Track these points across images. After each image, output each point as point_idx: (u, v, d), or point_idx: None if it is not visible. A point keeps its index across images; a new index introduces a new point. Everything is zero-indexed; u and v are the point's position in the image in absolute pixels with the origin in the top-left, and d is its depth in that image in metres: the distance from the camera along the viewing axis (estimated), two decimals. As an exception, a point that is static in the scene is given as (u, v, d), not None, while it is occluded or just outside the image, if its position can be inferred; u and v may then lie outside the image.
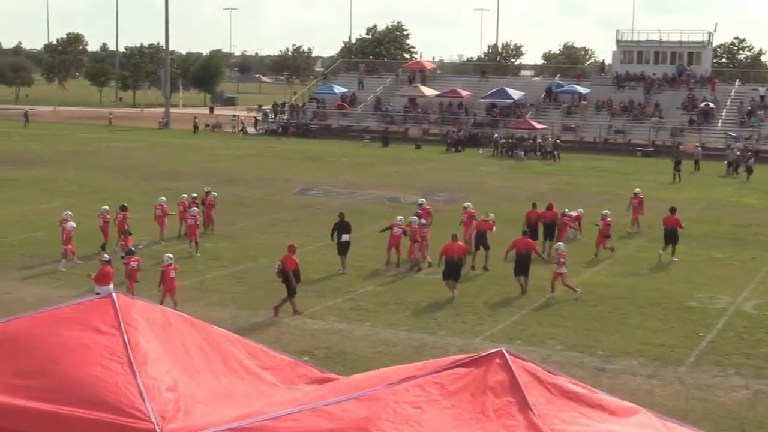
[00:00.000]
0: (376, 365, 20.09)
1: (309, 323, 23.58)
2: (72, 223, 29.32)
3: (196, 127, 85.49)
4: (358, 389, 8.49)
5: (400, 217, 31.06)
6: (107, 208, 32.61)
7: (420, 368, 8.68)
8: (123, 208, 32.30)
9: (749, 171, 57.63)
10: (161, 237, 33.06)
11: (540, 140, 69.53)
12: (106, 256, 24.23)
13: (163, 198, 34.55)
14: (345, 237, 29.51)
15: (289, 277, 24.25)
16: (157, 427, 7.93)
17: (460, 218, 33.13)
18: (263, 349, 10.20)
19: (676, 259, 31.96)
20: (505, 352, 8.69)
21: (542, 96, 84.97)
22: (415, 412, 7.98)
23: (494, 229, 31.05)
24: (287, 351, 11.97)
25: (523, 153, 67.41)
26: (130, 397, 8.25)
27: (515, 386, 8.29)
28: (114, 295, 9.35)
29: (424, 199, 31.97)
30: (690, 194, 48.95)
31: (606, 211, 33.82)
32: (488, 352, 8.81)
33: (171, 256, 24.78)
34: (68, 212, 30.36)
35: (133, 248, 27.03)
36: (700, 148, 61.65)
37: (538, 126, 75.33)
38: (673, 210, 33.08)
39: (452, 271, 26.57)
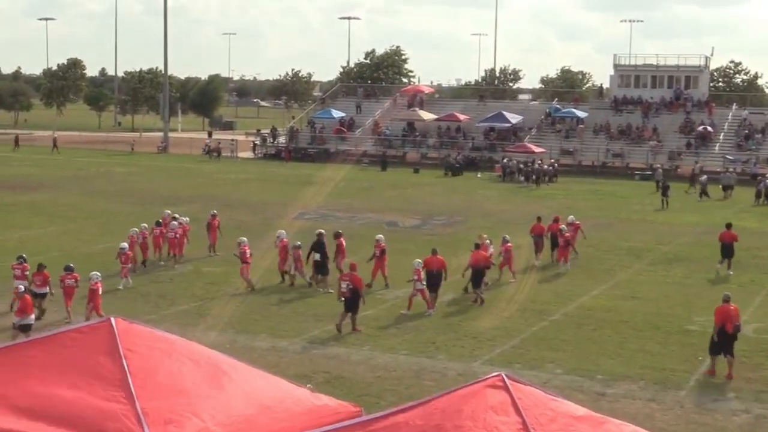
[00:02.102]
0: (375, 390, 20.10)
1: (308, 348, 23.53)
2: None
3: (210, 151, 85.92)
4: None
5: (380, 236, 31.62)
6: (136, 230, 33.05)
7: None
8: (158, 224, 34.04)
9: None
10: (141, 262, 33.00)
11: (537, 164, 69.41)
12: (21, 287, 23.71)
13: (144, 225, 34.32)
14: (316, 256, 30.04)
15: (360, 294, 25.11)
16: (155, 453, 7.90)
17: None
18: (263, 374, 10.17)
19: (731, 273, 33.28)
20: (504, 376, 8.67)
21: (542, 118, 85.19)
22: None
23: (491, 249, 31.10)
24: (286, 375, 11.93)
25: (523, 178, 67.39)
26: (128, 422, 8.21)
27: (515, 409, 8.27)
28: (113, 319, 9.33)
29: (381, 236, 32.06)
30: (690, 218, 49.00)
31: (563, 225, 34.65)
32: (488, 377, 8.80)
33: (98, 273, 25.49)
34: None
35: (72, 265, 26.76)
36: (705, 177, 61.02)
37: (537, 150, 75.48)
38: (728, 226, 34.88)
39: (433, 284, 27.40)
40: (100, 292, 25.29)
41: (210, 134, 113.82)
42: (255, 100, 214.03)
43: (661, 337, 24.93)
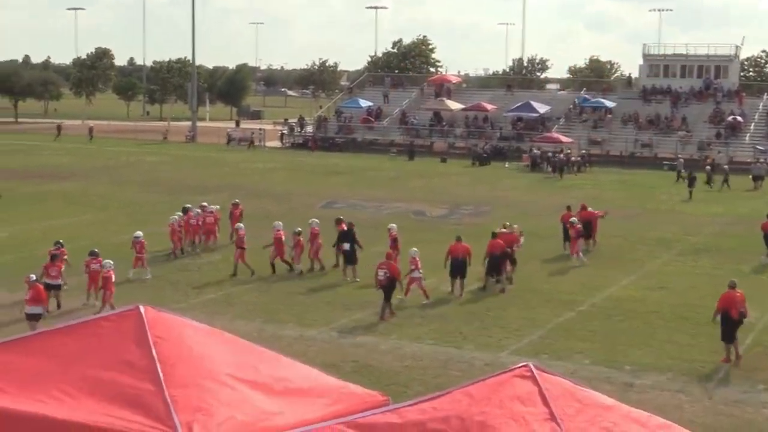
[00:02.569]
0: (403, 379, 20.12)
1: (335, 336, 23.59)
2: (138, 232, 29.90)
3: (229, 140, 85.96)
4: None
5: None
6: (176, 217, 33.32)
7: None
8: (235, 205, 36.16)
9: None
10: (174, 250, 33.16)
11: (560, 155, 68.94)
12: (33, 276, 23.41)
13: (179, 213, 34.58)
14: (345, 246, 30.14)
15: (396, 283, 25.47)
16: (184, 440, 7.95)
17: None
18: (291, 362, 10.20)
19: None
20: (531, 366, 8.66)
21: (570, 108, 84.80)
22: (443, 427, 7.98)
23: (522, 241, 31.18)
24: (314, 364, 11.95)
25: (550, 168, 67.06)
26: (157, 409, 8.26)
27: (542, 399, 8.25)
28: (141, 308, 9.38)
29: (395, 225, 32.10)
30: (715, 209, 48.66)
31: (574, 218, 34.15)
32: (515, 367, 8.79)
33: (111, 261, 25.43)
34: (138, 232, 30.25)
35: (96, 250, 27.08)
36: (727, 166, 60.98)
37: (565, 140, 75.15)
38: None
39: (458, 271, 27.86)
40: (113, 280, 25.29)
41: (238, 123, 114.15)
42: (282, 90, 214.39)
43: (689, 328, 24.79)
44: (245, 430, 8.48)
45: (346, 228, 31.01)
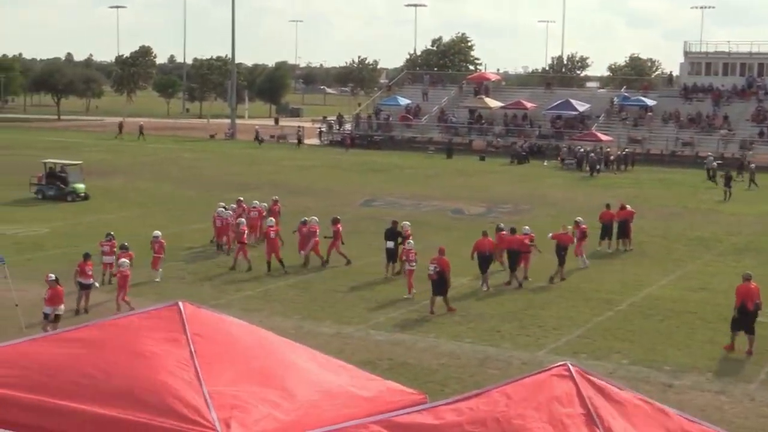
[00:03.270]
0: (440, 377, 20.08)
1: (372, 334, 23.58)
2: (157, 232, 29.73)
3: (260, 140, 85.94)
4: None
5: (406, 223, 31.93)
6: (223, 208, 33.49)
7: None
8: (274, 201, 36.09)
9: None
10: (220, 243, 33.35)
11: (592, 153, 68.30)
12: (52, 275, 23.12)
13: (222, 204, 34.79)
14: (388, 244, 30.18)
15: (447, 277, 25.73)
16: (221, 436, 7.97)
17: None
18: (328, 359, 10.21)
19: None
20: (570, 366, 8.60)
21: (609, 106, 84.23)
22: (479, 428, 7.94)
23: (575, 241, 31.12)
24: (351, 361, 11.96)
25: (588, 167, 66.41)
26: (195, 405, 8.30)
27: (580, 399, 8.19)
28: (180, 304, 9.42)
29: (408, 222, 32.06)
30: (757, 208, 48.10)
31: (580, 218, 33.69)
32: (553, 366, 8.73)
33: (127, 261, 25.75)
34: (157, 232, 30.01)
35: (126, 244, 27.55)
36: (753, 165, 60.25)
37: (604, 138, 74.67)
38: None
39: (484, 265, 28.46)
40: (129, 280, 25.41)
41: (276, 121, 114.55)
42: (321, 87, 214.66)
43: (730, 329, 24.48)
44: (282, 427, 8.49)
45: (391, 225, 31.17)
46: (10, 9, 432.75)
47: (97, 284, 25.69)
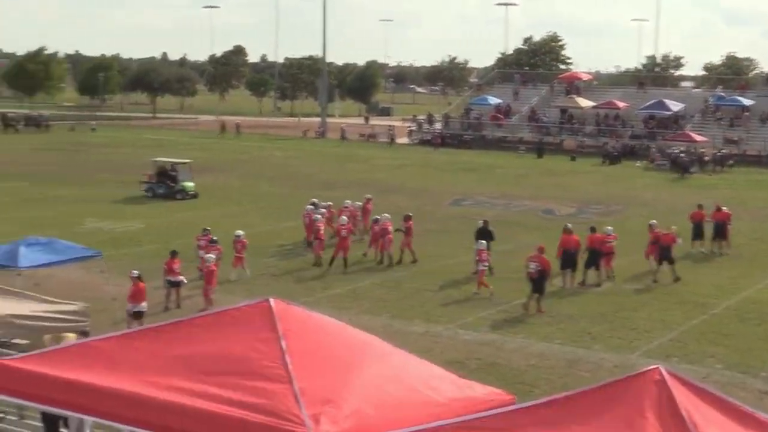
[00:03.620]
0: (529, 378, 19.95)
1: (461, 333, 23.53)
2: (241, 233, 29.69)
3: (344, 138, 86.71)
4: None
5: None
6: (312, 207, 33.78)
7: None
8: (368, 200, 36.36)
9: None
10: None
11: (682, 154, 66.91)
12: (135, 272, 23.48)
13: (315, 200, 35.14)
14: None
15: (546, 276, 25.92)
16: (310, 431, 8.03)
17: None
18: (417, 359, 10.21)
19: None
20: (662, 369, 8.45)
21: (704, 106, 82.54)
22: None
23: (679, 241, 30.68)
24: (440, 361, 11.95)
25: (679, 169, 64.96)
26: (285, 401, 8.37)
27: (673, 405, 8.05)
28: (271, 300, 9.52)
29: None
30: None
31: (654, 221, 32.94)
32: (645, 370, 8.59)
33: (213, 256, 26.00)
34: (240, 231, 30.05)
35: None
36: None
37: (698, 138, 73.24)
38: None
39: (569, 263, 28.41)
40: (216, 275, 25.62)
41: (367, 120, 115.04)
42: (411, 86, 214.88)
43: (829, 335, 23.85)
44: (371, 424, 8.52)
45: (482, 224, 31.18)
46: (108, 10, 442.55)
47: (185, 280, 26.03)
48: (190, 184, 46.56)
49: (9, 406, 12.18)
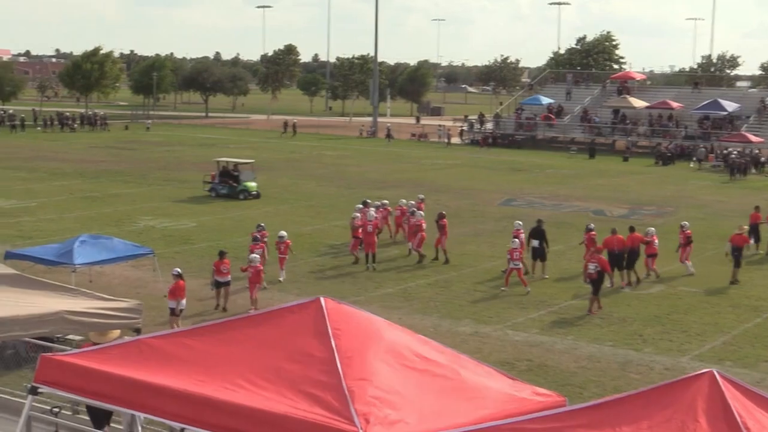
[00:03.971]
0: (579, 380, 19.83)
1: (511, 335, 23.45)
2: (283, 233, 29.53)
3: (390, 137, 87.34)
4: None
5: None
6: (360, 207, 33.80)
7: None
8: (421, 200, 35.57)
9: None
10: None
11: (734, 154, 66.03)
12: (177, 269, 23.62)
13: (367, 200, 35.20)
14: (533, 243, 29.98)
15: (605, 277, 26.25)
16: (360, 431, 8.05)
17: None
18: (466, 359, 10.19)
19: None
20: (715, 373, 8.36)
21: (762, 106, 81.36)
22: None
23: (751, 242, 30.60)
24: (489, 361, 11.94)
25: (729, 170, 63.92)
26: (335, 399, 8.40)
27: (727, 410, 7.94)
28: (322, 299, 9.56)
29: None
30: None
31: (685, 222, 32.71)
32: (697, 373, 8.50)
33: (257, 256, 25.89)
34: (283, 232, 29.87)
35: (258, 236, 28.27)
36: None
37: (754, 139, 72.28)
38: None
39: (615, 263, 28.32)
40: (263, 276, 25.57)
41: (418, 119, 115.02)
42: (463, 86, 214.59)
43: None
44: (420, 424, 8.52)
45: (536, 224, 31.05)
46: (163, 10, 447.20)
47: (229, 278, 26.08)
48: (252, 184, 46.74)
49: (64, 401, 12.35)
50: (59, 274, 22.83)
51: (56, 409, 12.85)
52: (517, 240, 28.75)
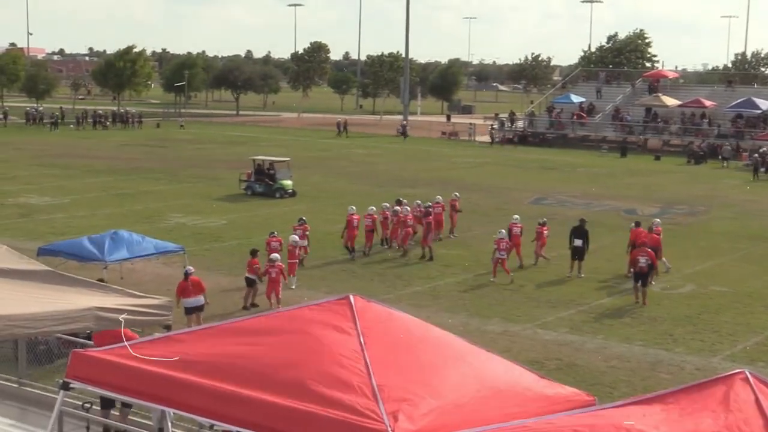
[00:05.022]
0: (608, 379, 19.75)
1: (540, 333, 23.38)
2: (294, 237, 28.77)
3: (404, 134, 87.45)
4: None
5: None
6: (374, 208, 34.02)
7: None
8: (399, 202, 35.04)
9: None
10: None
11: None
12: (190, 268, 23.44)
13: (373, 208, 34.96)
14: (576, 242, 29.80)
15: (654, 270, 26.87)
16: (389, 429, 8.06)
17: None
18: (496, 357, 10.17)
19: None
20: (747, 373, 8.29)
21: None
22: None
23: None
24: (518, 360, 11.87)
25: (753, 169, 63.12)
26: (363, 397, 8.41)
27: (760, 410, 7.88)
28: (351, 297, 9.57)
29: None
30: None
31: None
32: (729, 373, 8.44)
33: (278, 255, 25.63)
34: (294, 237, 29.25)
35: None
36: None
37: (788, 138, 71.58)
38: None
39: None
40: (273, 275, 24.98)
41: (449, 118, 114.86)
42: (494, 85, 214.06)
43: None
44: (450, 422, 8.51)
45: (579, 223, 31.06)
46: (195, 9, 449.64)
47: (262, 280, 25.80)
48: (288, 183, 46.83)
49: (95, 397, 12.46)
50: (91, 270, 23.01)
51: (88, 405, 12.96)
52: (503, 231, 29.92)
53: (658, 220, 31.69)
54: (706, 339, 23.17)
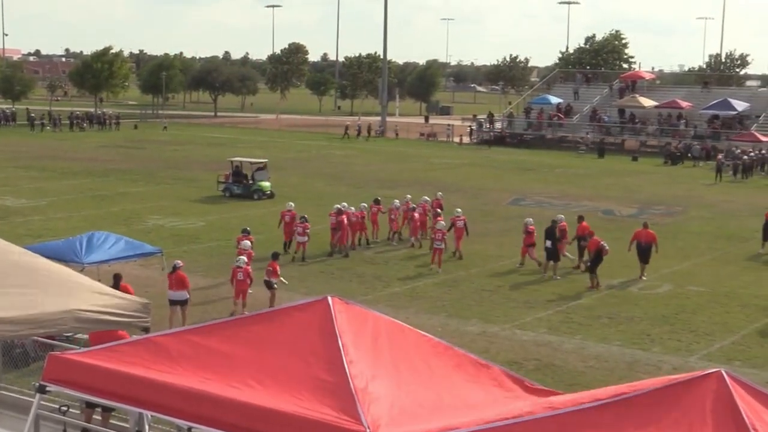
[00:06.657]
0: (586, 379, 19.80)
1: (519, 334, 23.44)
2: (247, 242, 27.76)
3: (369, 133, 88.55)
4: (566, 405, 8.35)
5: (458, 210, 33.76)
6: (365, 205, 34.73)
7: (632, 387, 8.43)
8: (376, 202, 35.81)
9: None
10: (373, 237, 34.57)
11: (742, 154, 65.83)
12: (179, 262, 23.59)
13: (364, 204, 35.36)
14: (546, 243, 30.11)
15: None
16: (367, 430, 8.06)
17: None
18: (473, 358, 10.19)
19: None
20: (723, 373, 8.33)
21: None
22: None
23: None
24: (496, 361, 11.93)
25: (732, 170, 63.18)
26: (342, 400, 8.41)
27: (734, 410, 7.92)
28: (329, 298, 9.56)
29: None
30: None
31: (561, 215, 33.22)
32: (705, 372, 8.48)
33: (244, 258, 24.77)
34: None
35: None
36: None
37: (764, 139, 72.08)
38: None
39: (642, 256, 29.69)
40: (240, 277, 24.46)
41: (427, 119, 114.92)
42: (472, 86, 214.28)
43: None
44: (428, 423, 8.52)
45: (551, 225, 31.17)
46: (173, 9, 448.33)
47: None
48: (266, 184, 46.72)
49: (72, 400, 12.41)
50: (68, 272, 22.84)
51: (64, 408, 12.90)
52: (442, 222, 31.22)
53: (562, 215, 32.79)
54: (683, 339, 23.30)
